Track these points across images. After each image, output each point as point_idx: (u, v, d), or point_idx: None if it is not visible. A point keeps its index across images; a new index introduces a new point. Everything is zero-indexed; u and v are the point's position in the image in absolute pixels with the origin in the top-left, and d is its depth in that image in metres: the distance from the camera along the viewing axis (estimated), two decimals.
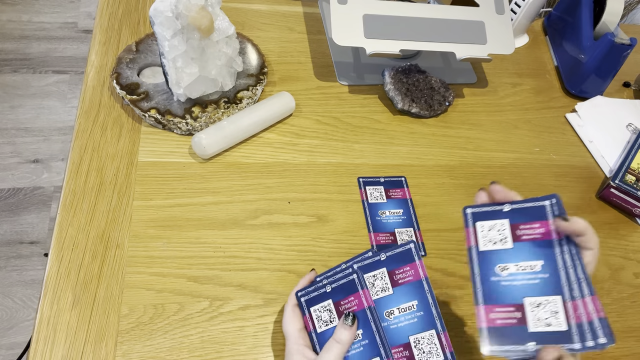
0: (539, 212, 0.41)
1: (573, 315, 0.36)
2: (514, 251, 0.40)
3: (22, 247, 1.30)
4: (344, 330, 0.43)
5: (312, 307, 0.46)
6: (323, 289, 0.46)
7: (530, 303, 0.38)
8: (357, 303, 0.45)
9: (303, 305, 0.46)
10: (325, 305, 0.45)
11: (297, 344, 0.44)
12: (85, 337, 0.47)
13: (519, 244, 0.40)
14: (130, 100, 0.62)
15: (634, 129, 0.78)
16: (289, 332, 0.45)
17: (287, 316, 0.46)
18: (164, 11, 0.54)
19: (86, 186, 0.57)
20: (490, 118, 0.76)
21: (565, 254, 0.39)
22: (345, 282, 0.45)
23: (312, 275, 0.49)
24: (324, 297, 0.46)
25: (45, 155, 1.47)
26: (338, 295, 0.45)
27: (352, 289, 0.45)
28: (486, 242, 0.41)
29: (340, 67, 0.77)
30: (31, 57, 1.67)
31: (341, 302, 0.45)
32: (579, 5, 0.83)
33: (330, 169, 0.65)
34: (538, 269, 0.39)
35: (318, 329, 0.45)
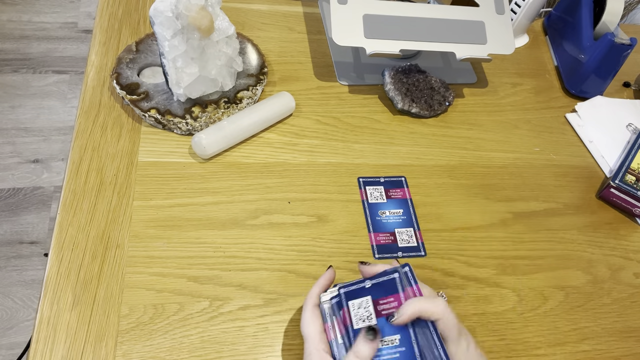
0: (391, 285, 0.43)
1: None
2: (379, 327, 0.41)
3: (22, 247, 1.30)
4: (364, 345, 0.40)
5: (351, 301, 0.44)
6: (362, 284, 0.44)
7: None
8: (397, 305, 0.43)
9: (342, 297, 0.44)
10: (363, 302, 0.43)
11: (317, 348, 0.42)
12: (85, 337, 0.47)
13: (381, 319, 0.42)
14: (130, 100, 0.62)
15: (634, 129, 0.78)
16: (309, 334, 0.43)
17: (307, 317, 0.44)
18: (164, 11, 0.54)
19: (86, 186, 0.57)
20: (490, 118, 0.76)
21: (416, 326, 0.41)
22: (386, 280, 0.44)
23: (331, 272, 0.47)
24: (363, 293, 0.44)
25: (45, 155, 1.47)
26: (377, 293, 0.43)
27: (392, 290, 0.43)
28: (357, 320, 0.42)
29: (340, 67, 0.77)
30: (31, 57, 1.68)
31: (380, 301, 0.43)
32: (579, 5, 0.83)
33: (330, 169, 0.65)
34: (397, 343, 0.41)
35: (355, 324, 0.42)
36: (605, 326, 0.58)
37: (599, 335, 0.57)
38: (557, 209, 0.68)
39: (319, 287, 0.46)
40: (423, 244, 0.60)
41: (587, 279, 0.62)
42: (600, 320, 0.58)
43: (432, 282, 0.57)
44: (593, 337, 0.57)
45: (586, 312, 0.59)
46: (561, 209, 0.68)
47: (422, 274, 0.58)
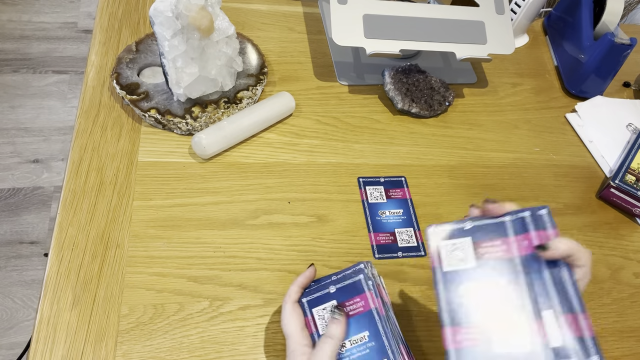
0: (356, 286, 0.43)
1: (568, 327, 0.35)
2: (477, 270, 0.39)
3: (22, 247, 1.30)
4: (334, 325, 0.42)
5: (315, 309, 0.45)
6: (326, 290, 0.45)
7: None
8: (364, 305, 0.44)
9: (305, 306, 0.46)
10: (327, 307, 0.45)
11: (300, 344, 0.43)
12: (85, 337, 0.47)
13: (482, 262, 0.39)
14: (130, 100, 0.62)
15: (634, 129, 0.78)
16: (290, 332, 0.44)
17: (287, 314, 0.45)
18: (164, 11, 0.54)
19: (86, 186, 0.57)
20: (490, 118, 0.76)
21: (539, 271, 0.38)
22: (351, 283, 0.45)
23: (312, 271, 0.48)
24: (328, 298, 0.45)
25: (45, 155, 1.47)
26: (342, 297, 0.45)
27: (357, 291, 0.44)
28: (449, 261, 0.40)
29: (340, 67, 0.77)
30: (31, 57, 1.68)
31: (346, 304, 0.44)
32: (579, 5, 0.83)
33: (330, 169, 0.65)
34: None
35: (321, 330, 0.44)
36: (605, 326, 0.58)
37: (599, 335, 0.57)
38: (557, 209, 0.68)
39: (297, 285, 0.47)
40: (423, 244, 0.60)
41: None
42: (600, 320, 0.58)
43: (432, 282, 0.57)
44: None
45: None
46: (561, 209, 0.68)
47: (422, 274, 0.58)
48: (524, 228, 0.39)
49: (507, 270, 0.38)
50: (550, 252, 0.38)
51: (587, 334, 0.34)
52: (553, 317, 0.35)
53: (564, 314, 0.35)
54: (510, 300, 0.37)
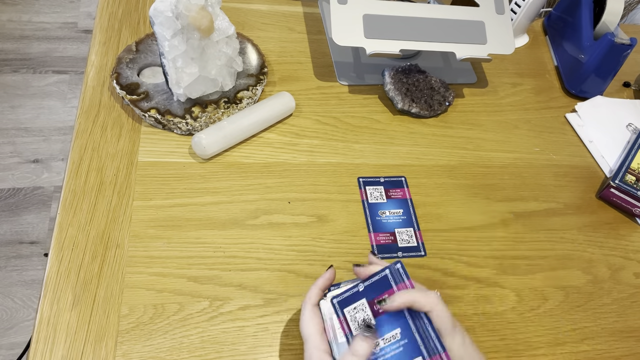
0: (384, 282, 0.43)
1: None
2: (377, 327, 0.42)
3: (22, 247, 1.30)
4: (362, 342, 0.39)
5: (346, 309, 0.43)
6: (355, 289, 0.44)
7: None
8: None
9: (336, 307, 0.44)
10: (358, 306, 0.43)
11: (318, 349, 0.41)
12: (85, 337, 0.47)
13: (379, 318, 0.42)
14: (130, 100, 0.62)
15: (634, 129, 0.78)
16: (309, 334, 0.42)
17: (306, 317, 0.43)
18: (164, 11, 0.54)
19: (86, 186, 0.57)
20: (490, 118, 0.76)
21: (414, 317, 0.41)
22: (378, 280, 0.44)
23: (332, 272, 0.46)
24: (357, 297, 0.43)
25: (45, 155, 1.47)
26: (371, 294, 0.43)
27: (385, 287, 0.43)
28: (356, 326, 0.42)
29: (340, 67, 0.77)
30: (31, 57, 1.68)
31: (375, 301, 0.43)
32: (579, 5, 0.83)
33: (330, 169, 0.65)
34: (398, 337, 0.41)
35: (354, 331, 0.42)
36: (605, 326, 0.58)
37: (599, 335, 0.57)
38: (557, 209, 0.68)
39: (317, 288, 0.45)
40: (423, 244, 0.60)
41: (587, 279, 0.62)
42: (600, 320, 0.58)
43: (432, 282, 0.57)
44: (593, 337, 0.57)
45: (586, 312, 0.59)
46: (561, 209, 0.68)
47: (422, 274, 0.58)
48: (400, 278, 0.43)
49: (399, 319, 0.41)
50: (387, 305, 0.41)
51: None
52: (436, 356, 0.39)
53: (439, 354, 0.39)
54: (407, 346, 0.41)
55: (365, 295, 0.43)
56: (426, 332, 0.40)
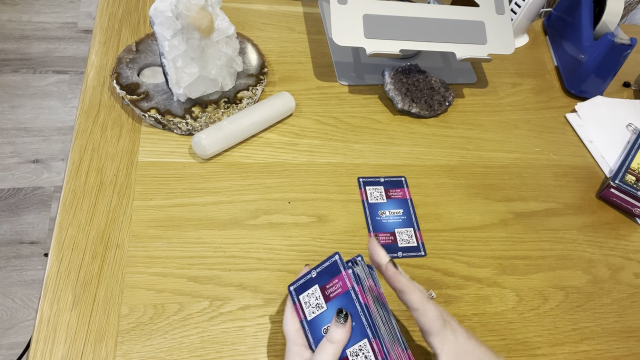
0: (333, 268, 0.44)
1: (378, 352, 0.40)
2: (329, 311, 0.43)
3: (22, 247, 1.30)
4: (337, 329, 0.41)
5: (301, 295, 0.45)
6: (309, 275, 0.46)
7: (350, 354, 0.41)
8: (342, 285, 0.44)
9: (293, 294, 0.46)
10: (312, 292, 0.45)
11: (295, 344, 0.43)
12: (85, 337, 0.47)
13: (330, 302, 0.43)
14: (130, 100, 0.62)
15: (634, 129, 0.78)
16: (288, 332, 0.44)
17: (287, 316, 0.45)
18: (164, 11, 0.54)
19: (86, 186, 0.57)
20: (490, 118, 0.76)
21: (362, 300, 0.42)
22: (328, 265, 0.45)
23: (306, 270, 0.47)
24: (311, 283, 0.45)
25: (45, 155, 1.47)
26: (323, 280, 0.45)
27: (335, 272, 0.45)
28: (309, 311, 0.44)
29: (340, 67, 0.77)
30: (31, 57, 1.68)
31: (326, 286, 0.44)
32: (579, 5, 0.83)
33: (330, 169, 0.65)
34: None
35: (308, 316, 0.44)
36: (605, 326, 0.58)
37: (599, 335, 0.57)
38: (557, 209, 0.68)
39: None
40: (423, 244, 0.60)
41: (587, 279, 0.62)
42: (600, 320, 0.58)
43: (432, 282, 0.57)
44: (593, 337, 0.57)
45: (586, 312, 0.59)
46: (561, 209, 0.68)
47: (422, 274, 0.58)
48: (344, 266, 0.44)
49: (347, 304, 0.43)
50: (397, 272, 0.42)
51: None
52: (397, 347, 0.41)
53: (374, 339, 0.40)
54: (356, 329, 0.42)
55: (318, 281, 0.45)
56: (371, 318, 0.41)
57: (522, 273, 0.60)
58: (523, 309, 0.57)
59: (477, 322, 0.55)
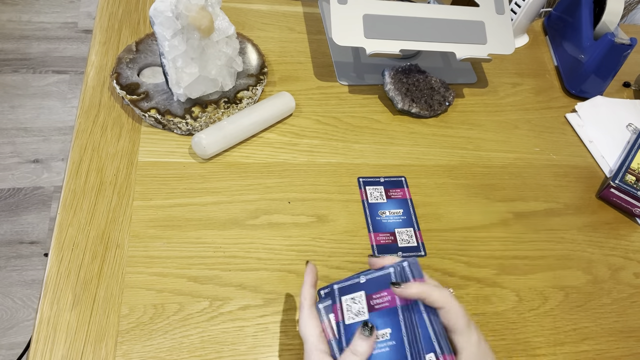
0: (385, 279, 0.43)
1: None
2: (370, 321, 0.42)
3: (22, 247, 1.30)
4: (362, 342, 0.39)
5: (344, 297, 0.44)
6: (357, 279, 0.44)
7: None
8: (390, 300, 0.42)
9: (335, 293, 0.44)
10: (357, 297, 0.43)
11: (317, 349, 0.41)
12: (85, 337, 0.47)
13: (373, 313, 0.42)
14: (130, 100, 0.62)
15: (634, 129, 0.78)
16: (308, 335, 0.42)
17: (305, 318, 0.43)
18: (164, 11, 0.54)
19: (86, 186, 0.57)
20: (490, 118, 0.76)
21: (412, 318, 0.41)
22: (380, 276, 0.44)
23: (311, 267, 0.46)
24: (357, 288, 0.44)
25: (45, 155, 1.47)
26: (371, 289, 0.43)
27: (386, 285, 0.43)
28: (349, 315, 0.43)
29: (340, 67, 0.77)
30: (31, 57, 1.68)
31: (373, 296, 0.43)
32: (579, 5, 0.83)
33: (330, 169, 0.65)
34: (387, 337, 0.41)
35: (346, 320, 0.43)
36: (605, 326, 0.58)
37: (599, 335, 0.57)
38: (557, 209, 0.68)
39: (308, 285, 0.45)
40: (423, 244, 0.60)
41: (587, 279, 0.62)
42: (600, 320, 0.58)
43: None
44: (593, 337, 0.57)
45: (586, 312, 0.59)
46: (561, 209, 0.68)
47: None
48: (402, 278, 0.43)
49: (392, 320, 0.41)
50: (400, 289, 0.41)
51: None
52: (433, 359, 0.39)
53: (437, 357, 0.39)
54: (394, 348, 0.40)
55: (365, 288, 0.44)
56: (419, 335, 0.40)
57: (522, 273, 0.60)
58: (523, 309, 0.57)
59: (477, 322, 0.55)
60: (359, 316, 0.42)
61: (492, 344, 0.54)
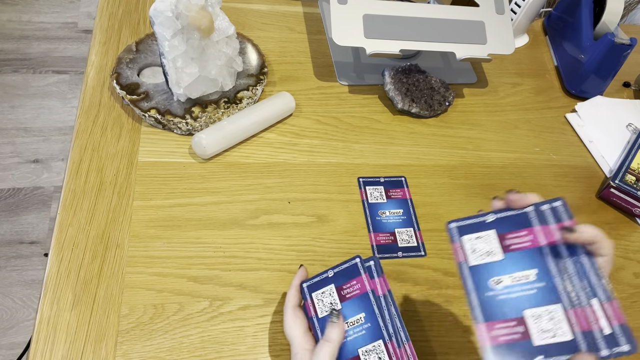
0: (522, 219, 0.39)
1: (577, 324, 0.35)
2: (505, 262, 0.38)
3: (22, 247, 1.30)
4: (332, 329, 0.42)
5: (314, 293, 0.46)
6: (325, 275, 0.46)
7: (531, 315, 0.36)
8: (360, 287, 0.45)
9: (305, 290, 0.46)
10: (327, 290, 0.45)
11: (303, 348, 0.43)
12: (85, 337, 0.47)
13: (509, 254, 0.38)
14: (130, 100, 0.62)
15: (634, 129, 0.78)
16: (294, 336, 0.44)
17: (289, 319, 0.45)
18: (164, 11, 0.54)
19: (86, 186, 0.57)
20: (490, 118, 0.76)
21: (564, 260, 0.37)
22: (348, 267, 0.46)
23: (303, 270, 0.48)
24: (326, 282, 0.46)
25: (45, 155, 1.47)
26: (340, 280, 0.46)
27: (354, 274, 0.45)
28: (476, 256, 0.39)
29: (340, 67, 0.77)
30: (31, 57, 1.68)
31: (343, 287, 0.45)
32: (579, 5, 0.83)
33: (330, 169, 0.65)
34: (533, 279, 0.37)
35: (319, 314, 0.45)
36: None
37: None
38: None
39: (294, 288, 0.47)
40: (423, 244, 0.60)
41: None
42: None
43: (432, 282, 0.57)
44: None
45: None
46: None
47: (422, 274, 0.58)
48: (545, 219, 0.39)
49: (537, 260, 0.37)
50: (576, 235, 0.37)
51: (619, 322, 0.35)
52: (597, 305, 0.35)
53: (602, 302, 0.35)
54: (544, 290, 0.36)
55: (334, 281, 0.46)
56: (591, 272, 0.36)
57: None
58: None
59: None
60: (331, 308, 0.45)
61: None
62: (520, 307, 0.36)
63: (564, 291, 0.36)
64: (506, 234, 0.39)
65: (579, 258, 0.37)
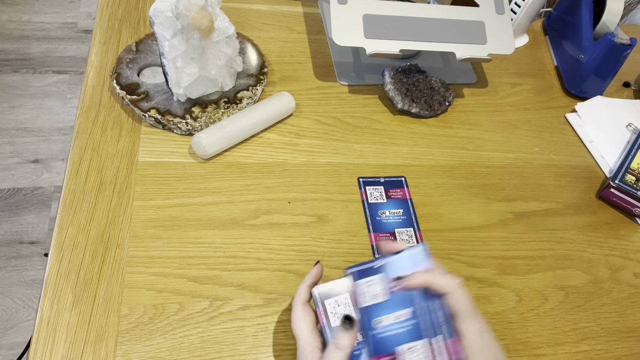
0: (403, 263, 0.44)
1: (439, 357, 0.40)
2: (387, 303, 0.42)
3: (22, 247, 1.30)
4: (344, 335, 0.40)
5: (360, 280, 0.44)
6: (371, 264, 0.44)
7: (404, 350, 0.40)
8: None
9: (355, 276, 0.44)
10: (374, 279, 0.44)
11: (309, 345, 0.41)
12: (85, 337, 0.47)
13: (394, 295, 0.43)
14: (130, 100, 0.62)
15: (634, 129, 0.78)
16: (301, 332, 0.42)
17: (297, 315, 0.43)
18: (164, 11, 0.54)
19: (86, 186, 0.57)
20: (490, 118, 0.76)
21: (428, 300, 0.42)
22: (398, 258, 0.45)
23: (319, 268, 0.47)
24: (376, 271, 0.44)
25: (45, 155, 1.47)
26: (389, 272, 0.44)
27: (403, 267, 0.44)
28: (366, 298, 0.43)
29: (340, 67, 0.77)
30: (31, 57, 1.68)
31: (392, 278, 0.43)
32: (579, 5, 0.83)
33: (330, 169, 0.65)
34: (409, 316, 0.42)
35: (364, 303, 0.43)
36: (605, 326, 0.58)
37: (599, 335, 0.57)
38: (557, 209, 0.68)
39: (306, 285, 0.45)
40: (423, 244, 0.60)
41: (587, 279, 0.62)
42: (600, 320, 0.58)
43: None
44: (593, 337, 0.57)
45: (586, 312, 0.59)
46: (561, 209, 0.68)
47: None
48: (414, 264, 0.43)
49: (408, 302, 0.42)
50: (404, 284, 0.42)
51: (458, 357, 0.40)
52: (441, 342, 0.40)
53: (444, 340, 0.40)
54: (414, 328, 0.41)
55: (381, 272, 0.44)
56: (436, 318, 0.40)
57: (522, 273, 0.60)
58: (523, 309, 0.57)
59: None
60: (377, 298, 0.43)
61: None
62: (394, 344, 0.41)
63: (425, 328, 0.41)
64: (389, 277, 0.43)
65: (431, 298, 0.42)
